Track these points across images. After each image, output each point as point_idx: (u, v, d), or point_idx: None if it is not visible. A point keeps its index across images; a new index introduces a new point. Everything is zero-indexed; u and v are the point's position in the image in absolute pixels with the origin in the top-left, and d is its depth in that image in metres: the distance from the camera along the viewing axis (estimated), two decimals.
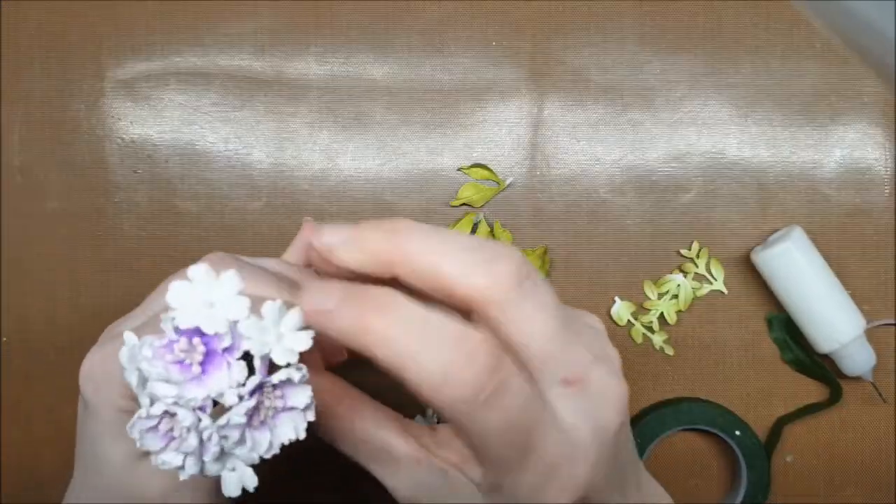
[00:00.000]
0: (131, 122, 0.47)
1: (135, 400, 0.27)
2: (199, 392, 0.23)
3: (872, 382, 0.46)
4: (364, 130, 0.47)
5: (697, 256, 0.47)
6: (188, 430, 0.23)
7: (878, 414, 0.48)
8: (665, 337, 0.47)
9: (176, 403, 0.23)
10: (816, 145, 0.47)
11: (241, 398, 0.23)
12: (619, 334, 0.47)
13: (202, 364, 0.23)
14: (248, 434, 0.23)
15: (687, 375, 0.47)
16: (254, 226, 0.47)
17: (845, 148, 0.47)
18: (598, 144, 0.47)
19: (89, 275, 0.47)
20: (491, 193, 0.47)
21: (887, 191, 0.47)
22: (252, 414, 0.23)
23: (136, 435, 0.23)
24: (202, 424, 0.23)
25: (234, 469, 0.24)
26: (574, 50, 0.47)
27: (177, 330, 0.23)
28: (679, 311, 0.47)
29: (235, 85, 0.47)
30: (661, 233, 0.47)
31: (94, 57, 0.47)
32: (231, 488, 0.24)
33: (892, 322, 0.47)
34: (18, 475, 0.48)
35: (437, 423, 0.29)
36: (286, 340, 0.23)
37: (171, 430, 0.23)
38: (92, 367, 0.29)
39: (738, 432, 0.46)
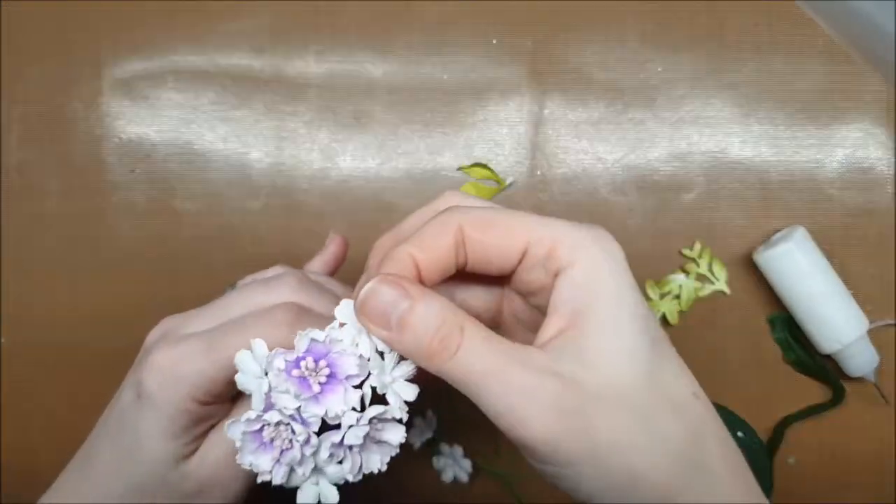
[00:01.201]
0: (129, 122, 0.47)
1: (199, 402, 0.29)
2: (317, 410, 0.25)
3: (875, 383, 0.46)
4: (363, 130, 0.47)
5: (699, 256, 0.47)
6: (297, 442, 0.25)
7: (881, 414, 0.47)
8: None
9: (292, 417, 0.25)
10: (819, 145, 0.47)
11: (358, 422, 0.25)
12: None
13: (322, 385, 0.25)
14: (349, 455, 0.26)
15: None
16: (252, 225, 0.47)
17: (848, 147, 0.47)
18: (600, 143, 0.47)
19: (88, 274, 0.47)
20: (491, 193, 0.47)
21: (890, 190, 0.47)
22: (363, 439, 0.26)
23: (236, 435, 0.25)
24: (312, 441, 0.25)
25: (317, 483, 0.26)
26: (575, 49, 0.47)
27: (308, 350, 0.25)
28: (681, 312, 0.47)
29: (234, 84, 0.47)
30: (663, 232, 0.47)
31: (93, 56, 0.47)
32: (308, 497, 0.26)
33: (895, 322, 0.47)
34: (18, 475, 0.48)
35: None
36: (397, 386, 0.26)
37: (274, 439, 0.25)
38: (163, 363, 0.30)
39: (740, 434, 0.46)
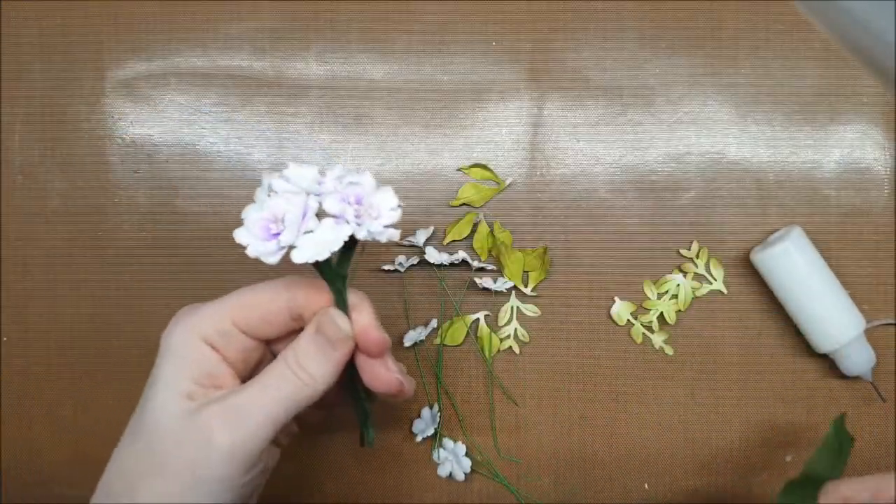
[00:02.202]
0: (132, 123, 0.47)
1: (212, 347, 0.32)
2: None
3: (872, 382, 0.46)
4: (364, 130, 0.47)
5: (697, 256, 0.47)
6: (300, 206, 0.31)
7: (878, 414, 0.48)
8: (665, 337, 0.47)
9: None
10: (816, 145, 0.47)
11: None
12: (618, 334, 0.47)
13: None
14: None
15: (686, 375, 0.47)
16: None
17: (845, 148, 0.47)
18: (598, 144, 0.47)
19: (90, 274, 0.47)
20: (491, 193, 0.47)
21: (886, 191, 0.47)
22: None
23: (248, 220, 0.32)
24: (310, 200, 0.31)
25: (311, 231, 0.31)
26: (574, 50, 0.47)
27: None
28: (679, 311, 0.47)
29: (236, 85, 0.47)
30: (661, 233, 0.47)
31: (95, 57, 0.47)
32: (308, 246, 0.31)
33: (892, 322, 0.47)
34: (18, 474, 0.48)
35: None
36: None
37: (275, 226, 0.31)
38: (180, 315, 0.33)
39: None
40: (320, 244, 0.30)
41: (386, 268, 0.47)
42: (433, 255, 0.46)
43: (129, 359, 0.48)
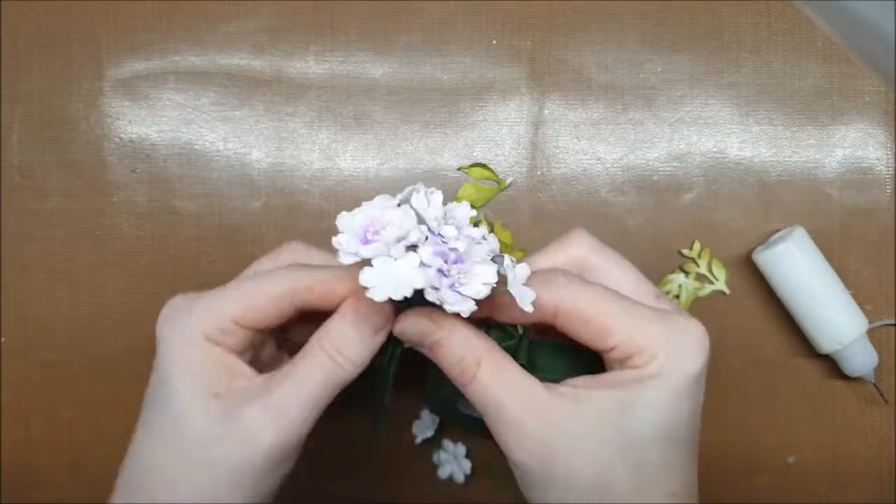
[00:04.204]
0: (130, 122, 0.47)
1: (212, 341, 0.32)
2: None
3: (874, 383, 0.46)
4: (363, 130, 0.47)
5: (699, 256, 0.47)
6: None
7: (880, 414, 0.47)
8: None
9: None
10: (818, 145, 0.47)
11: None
12: None
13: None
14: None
15: None
16: (253, 225, 0.47)
17: (847, 147, 0.47)
18: (599, 144, 0.47)
19: (88, 275, 0.47)
20: (491, 193, 0.47)
21: (889, 190, 0.47)
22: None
23: (360, 211, 0.29)
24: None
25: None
26: (575, 49, 0.47)
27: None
28: None
29: (234, 84, 0.47)
30: (663, 232, 0.47)
31: (93, 56, 0.47)
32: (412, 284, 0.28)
33: (894, 322, 0.47)
34: (18, 475, 0.48)
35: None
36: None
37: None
38: (175, 302, 0.34)
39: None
40: (396, 282, 0.28)
41: None
42: None
43: (129, 359, 0.48)
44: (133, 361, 0.48)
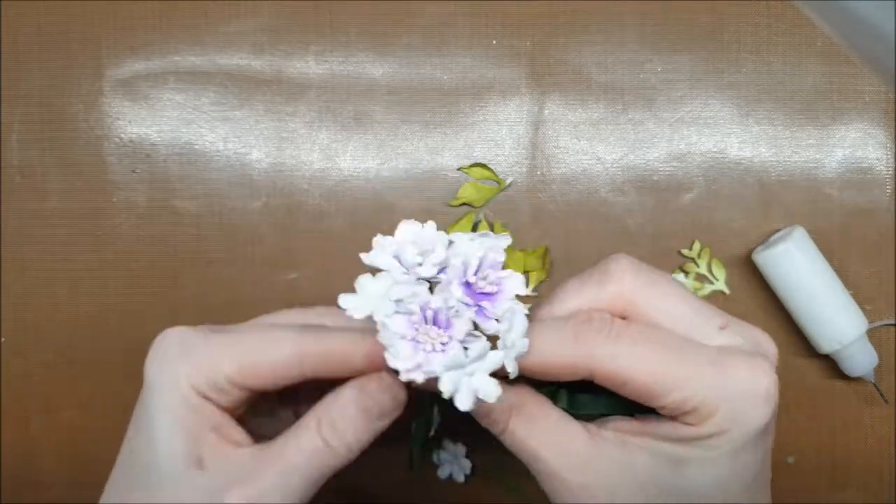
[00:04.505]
0: (130, 122, 0.47)
1: (200, 395, 0.28)
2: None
3: (874, 383, 0.46)
4: (363, 130, 0.47)
5: (699, 256, 0.47)
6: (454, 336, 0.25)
7: (880, 414, 0.47)
8: None
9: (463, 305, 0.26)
10: (818, 145, 0.47)
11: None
12: None
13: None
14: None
15: None
16: (252, 225, 0.47)
17: (847, 147, 0.47)
18: (599, 144, 0.47)
19: (88, 274, 0.47)
20: (491, 193, 0.47)
21: (889, 190, 0.47)
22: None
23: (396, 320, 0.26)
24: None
25: (471, 374, 0.26)
26: (575, 49, 0.47)
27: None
28: None
29: (234, 84, 0.47)
30: (663, 232, 0.47)
31: (93, 56, 0.47)
32: (466, 393, 0.26)
33: (894, 322, 0.47)
34: (18, 475, 0.48)
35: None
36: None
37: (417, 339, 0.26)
38: (170, 335, 0.30)
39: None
40: (482, 384, 0.25)
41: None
42: None
43: (129, 359, 0.48)
44: (133, 361, 0.47)
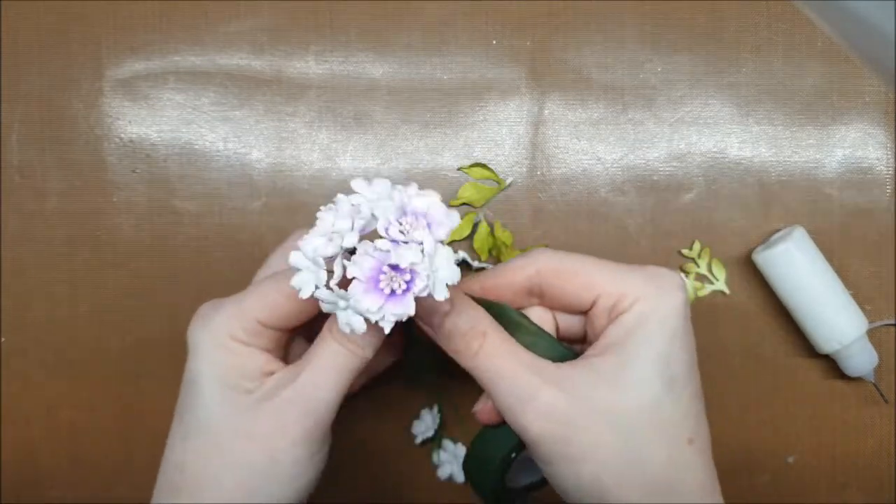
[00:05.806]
0: (130, 122, 0.47)
1: (238, 341, 0.32)
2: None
3: (874, 383, 0.46)
4: (363, 130, 0.47)
5: (699, 256, 0.47)
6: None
7: (880, 414, 0.47)
8: None
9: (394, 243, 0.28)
10: (818, 145, 0.47)
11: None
12: None
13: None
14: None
15: None
16: (252, 225, 0.47)
17: (847, 147, 0.47)
18: (599, 144, 0.47)
19: (88, 274, 0.47)
20: (491, 193, 0.47)
21: (889, 190, 0.47)
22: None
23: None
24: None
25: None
26: (574, 49, 0.47)
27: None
28: None
29: (234, 84, 0.47)
30: (663, 232, 0.47)
31: (93, 56, 0.47)
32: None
33: (894, 322, 0.47)
34: (17, 475, 0.48)
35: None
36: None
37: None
38: (202, 310, 0.34)
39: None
40: (447, 273, 0.28)
41: None
42: None
43: (129, 359, 0.48)
44: (133, 361, 0.48)
